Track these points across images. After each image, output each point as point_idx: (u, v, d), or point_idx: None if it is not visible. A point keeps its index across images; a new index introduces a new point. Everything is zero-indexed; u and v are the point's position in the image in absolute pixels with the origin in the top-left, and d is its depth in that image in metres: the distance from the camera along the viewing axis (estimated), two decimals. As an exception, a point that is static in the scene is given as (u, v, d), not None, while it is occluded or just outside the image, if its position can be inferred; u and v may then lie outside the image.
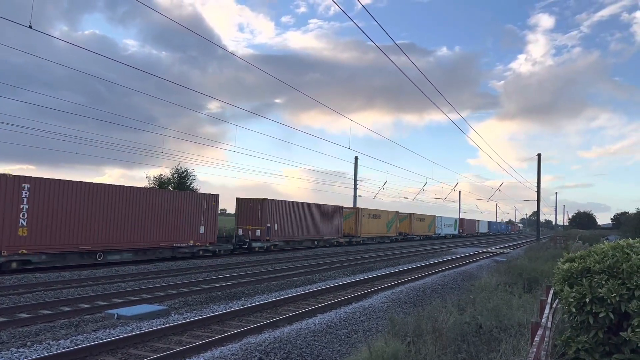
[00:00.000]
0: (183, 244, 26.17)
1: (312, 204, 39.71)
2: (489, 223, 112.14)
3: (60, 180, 20.37)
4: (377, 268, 24.98)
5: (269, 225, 31.84)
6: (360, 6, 11.97)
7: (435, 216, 72.74)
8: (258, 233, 31.98)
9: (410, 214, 63.23)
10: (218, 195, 28.51)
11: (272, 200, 33.86)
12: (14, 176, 18.71)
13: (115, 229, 22.38)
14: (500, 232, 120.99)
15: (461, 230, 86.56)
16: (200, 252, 27.58)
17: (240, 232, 32.77)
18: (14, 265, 18.54)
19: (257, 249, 31.92)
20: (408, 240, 60.47)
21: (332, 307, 13.23)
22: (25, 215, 18.85)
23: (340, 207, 44.44)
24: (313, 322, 11.00)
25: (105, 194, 22.04)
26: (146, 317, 11.30)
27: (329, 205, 42.37)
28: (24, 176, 19.05)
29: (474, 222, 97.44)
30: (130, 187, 23.78)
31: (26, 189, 18.91)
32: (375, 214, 51.89)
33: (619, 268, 5.04)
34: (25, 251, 18.83)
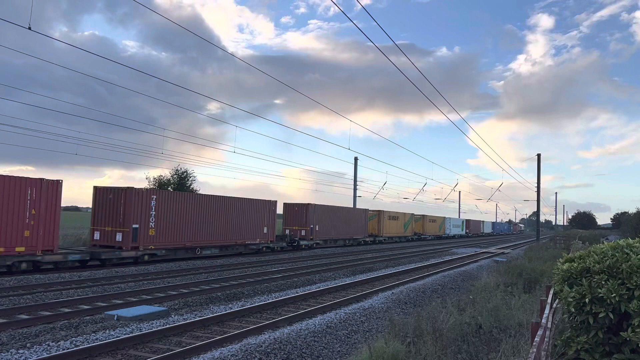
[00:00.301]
0: (252, 242, 31.08)
1: (345, 208, 45.44)
2: (493, 224, 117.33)
3: (174, 192, 27.25)
4: (378, 268, 24.98)
5: (312, 226, 36.11)
6: (360, 7, 11.99)
7: (444, 217, 77.56)
8: (303, 233, 37.22)
9: (423, 215, 67.66)
10: (276, 201, 33.71)
11: (315, 204, 38.95)
12: (147, 190, 24.51)
13: (207, 230, 27.38)
14: (503, 232, 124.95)
15: (467, 231, 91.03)
16: (263, 248, 32.40)
17: (287, 231, 37.87)
18: (145, 257, 23.62)
19: (304, 246, 37.22)
20: (422, 240, 64.62)
21: (332, 307, 13.23)
22: (153, 219, 24.12)
23: (366, 210, 49.65)
24: (313, 323, 11.00)
25: (199, 202, 27.11)
26: (146, 318, 11.30)
27: (358, 208, 49.04)
28: (153, 189, 25.83)
29: (479, 223, 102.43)
30: (216, 195, 28.43)
31: (154, 199, 24.18)
32: (394, 216, 56.85)
33: (619, 268, 5.04)
34: (153, 247, 23.99)
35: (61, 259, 20.21)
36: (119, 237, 23.13)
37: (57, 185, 20.22)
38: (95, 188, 24.32)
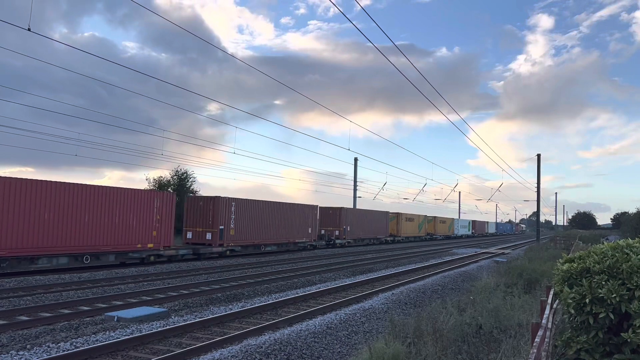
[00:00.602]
0: (300, 240, 36.65)
1: (370, 211, 50.46)
2: (496, 224, 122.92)
3: (247, 199, 31.08)
4: (378, 269, 24.97)
5: (344, 227, 40.59)
6: (359, 7, 11.99)
7: (453, 219, 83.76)
8: (337, 233, 42.69)
9: (434, 217, 72.98)
10: (317, 205, 39.68)
11: (346, 208, 44.66)
12: (228, 198, 29.42)
13: (269, 230, 32.83)
14: (505, 232, 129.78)
15: (473, 231, 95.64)
16: (308, 246, 38.14)
17: (322, 232, 42.86)
18: (227, 252, 29.29)
19: (338, 245, 43.00)
20: (433, 240, 69.99)
21: (332, 308, 13.22)
22: (233, 222, 29.61)
23: (387, 213, 54.32)
24: (313, 324, 10.99)
25: (263, 207, 32.39)
26: (146, 320, 11.29)
27: (380, 211, 53.17)
28: (232, 197, 29.76)
29: (484, 224, 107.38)
30: (274, 202, 33.83)
31: (234, 205, 29.78)
32: (410, 218, 62.47)
33: (619, 268, 5.04)
34: (232, 244, 29.50)
35: (174, 253, 25.49)
36: (208, 236, 28.54)
37: (172, 196, 25.95)
38: (188, 197, 31.30)
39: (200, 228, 28.85)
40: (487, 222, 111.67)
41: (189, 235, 29.21)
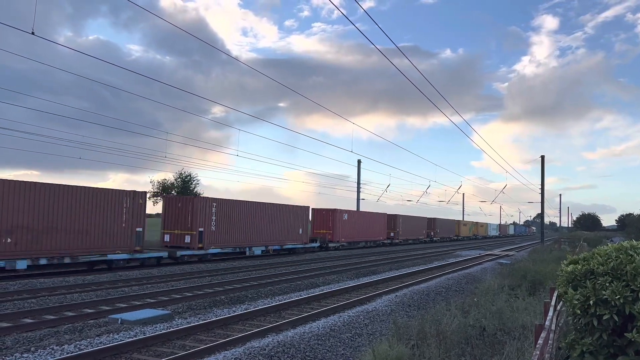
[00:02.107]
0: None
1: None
2: (515, 226, 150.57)
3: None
4: (381, 271, 24.93)
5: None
6: (363, 9, 12.00)
7: (488, 223, 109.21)
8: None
9: (476, 222, 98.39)
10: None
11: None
12: (209, 198, 28.10)
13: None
14: (522, 233, 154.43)
15: (500, 233, 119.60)
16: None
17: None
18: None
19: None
20: (477, 239, 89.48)
21: (335, 310, 13.20)
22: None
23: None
24: (317, 326, 10.98)
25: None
26: (150, 322, 11.31)
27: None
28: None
29: (507, 226, 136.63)
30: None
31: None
32: (465, 223, 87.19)
33: (623, 270, 5.02)
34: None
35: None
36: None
37: (308, 209, 32.33)
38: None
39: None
40: (509, 225, 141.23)
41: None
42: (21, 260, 18.55)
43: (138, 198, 23.78)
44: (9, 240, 18.33)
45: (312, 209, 41.93)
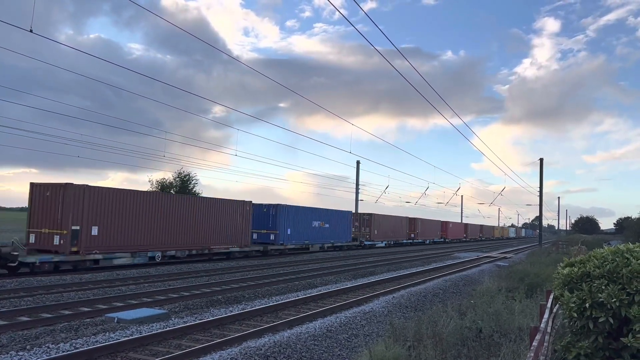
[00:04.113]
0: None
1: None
2: (525, 230, 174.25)
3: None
4: (379, 272, 24.93)
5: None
6: (365, 10, 12.00)
7: (509, 227, 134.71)
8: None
9: (502, 227, 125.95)
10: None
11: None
12: (87, 186, 21.29)
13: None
14: (529, 235, 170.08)
15: (516, 235, 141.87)
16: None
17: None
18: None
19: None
20: (501, 240, 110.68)
21: (332, 311, 13.19)
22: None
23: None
24: (313, 327, 10.97)
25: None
26: (146, 321, 11.29)
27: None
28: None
29: (521, 229, 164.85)
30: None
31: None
32: (495, 228, 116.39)
33: (619, 273, 5.02)
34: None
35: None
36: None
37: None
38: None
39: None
40: (523, 228, 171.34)
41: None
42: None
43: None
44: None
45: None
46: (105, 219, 21.72)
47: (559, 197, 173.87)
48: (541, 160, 48.09)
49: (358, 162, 55.83)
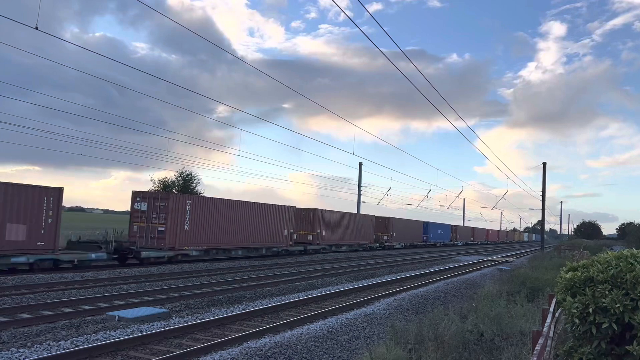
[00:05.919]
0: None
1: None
2: (534, 234, 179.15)
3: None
4: (380, 275, 24.90)
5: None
6: (370, 12, 11.99)
7: (524, 232, 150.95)
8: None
9: (521, 232, 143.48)
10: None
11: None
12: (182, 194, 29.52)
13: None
14: (538, 239, 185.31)
15: (529, 239, 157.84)
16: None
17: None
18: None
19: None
20: (516, 242, 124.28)
21: (333, 312, 13.17)
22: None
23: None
24: (314, 328, 10.95)
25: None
26: (147, 320, 11.29)
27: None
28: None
29: (531, 234, 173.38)
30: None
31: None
32: (518, 231, 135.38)
33: (623, 278, 4.98)
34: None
35: None
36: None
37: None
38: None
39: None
40: (533, 233, 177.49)
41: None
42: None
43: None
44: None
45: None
46: (397, 229, 35.06)
47: (561, 202, 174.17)
48: (544, 164, 47.98)
49: (360, 164, 55.93)
